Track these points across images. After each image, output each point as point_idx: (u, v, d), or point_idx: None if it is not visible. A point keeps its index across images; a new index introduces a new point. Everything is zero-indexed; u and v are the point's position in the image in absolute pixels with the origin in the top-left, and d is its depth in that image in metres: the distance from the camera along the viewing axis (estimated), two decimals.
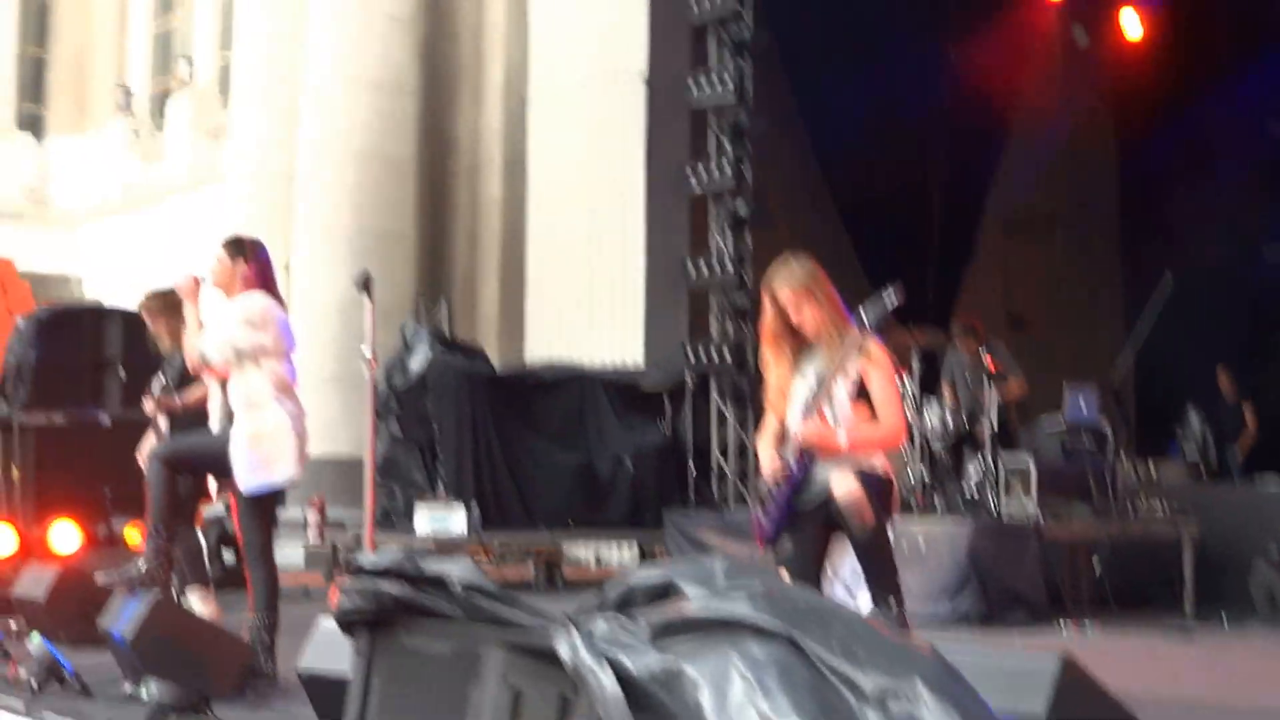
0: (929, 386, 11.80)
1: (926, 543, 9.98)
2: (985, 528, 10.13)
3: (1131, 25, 16.69)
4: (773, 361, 5.99)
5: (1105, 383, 14.20)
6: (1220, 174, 16.09)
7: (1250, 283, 15.85)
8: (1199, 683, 7.70)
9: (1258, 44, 15.29)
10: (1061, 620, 9.95)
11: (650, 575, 3.95)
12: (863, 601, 6.26)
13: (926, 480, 10.98)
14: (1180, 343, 15.22)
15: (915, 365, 11.27)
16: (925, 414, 11.22)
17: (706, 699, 3.52)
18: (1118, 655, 8.46)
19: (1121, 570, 10.99)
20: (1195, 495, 11.75)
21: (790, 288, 5.86)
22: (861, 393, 5.85)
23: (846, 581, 8.87)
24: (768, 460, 5.94)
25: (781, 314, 5.89)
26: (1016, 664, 4.92)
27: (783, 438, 5.97)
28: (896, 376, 6.11)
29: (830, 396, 5.79)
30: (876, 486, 5.78)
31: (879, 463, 5.87)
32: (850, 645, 3.58)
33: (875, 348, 5.84)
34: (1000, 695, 4.55)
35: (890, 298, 5.86)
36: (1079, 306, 17.70)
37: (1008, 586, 9.96)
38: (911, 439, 10.93)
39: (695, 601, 3.79)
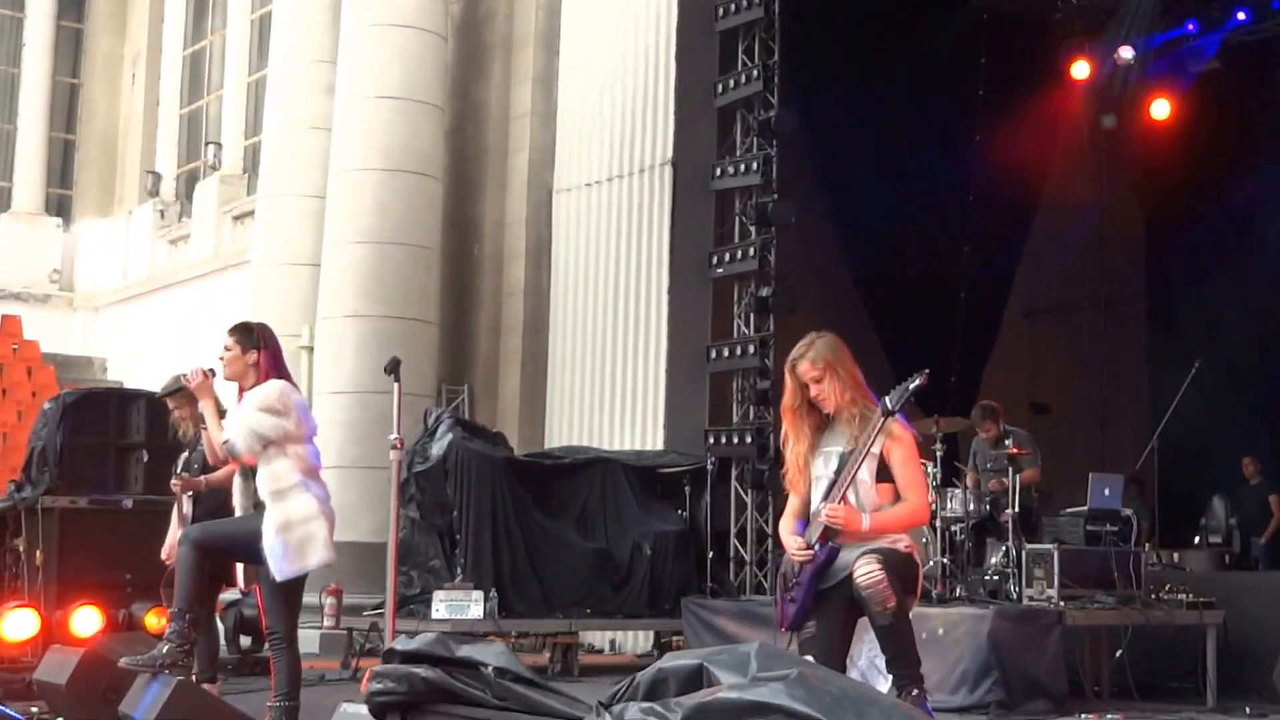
0: (950, 474, 11.81)
1: (946, 630, 9.95)
2: (1007, 615, 10.11)
3: (1160, 109, 16.83)
4: (792, 438, 6.02)
5: (1130, 471, 14.23)
6: (1248, 261, 16.16)
7: (1277, 372, 15.88)
8: None
9: None
10: (1083, 712, 9.90)
11: (682, 661, 3.94)
12: (881, 688, 6.24)
13: (947, 567, 10.97)
14: (1206, 432, 15.24)
15: (938, 451, 11.28)
16: (948, 499, 11.23)
17: None
18: None
19: (1144, 660, 10.94)
20: (1219, 584, 11.71)
21: (811, 361, 5.91)
22: (883, 474, 5.90)
23: (862, 669, 8.89)
24: (790, 542, 5.96)
25: (802, 389, 5.94)
26: None
27: (802, 516, 6.00)
28: (920, 460, 6.15)
29: (854, 477, 5.82)
30: (900, 568, 5.76)
31: (903, 543, 5.88)
32: None
33: (899, 427, 5.88)
34: None
35: (914, 382, 5.88)
36: (1104, 395, 17.73)
37: (1029, 675, 9.91)
38: (933, 525, 10.93)
39: (728, 688, 3.75)
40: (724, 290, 14.48)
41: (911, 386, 5.86)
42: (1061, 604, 10.35)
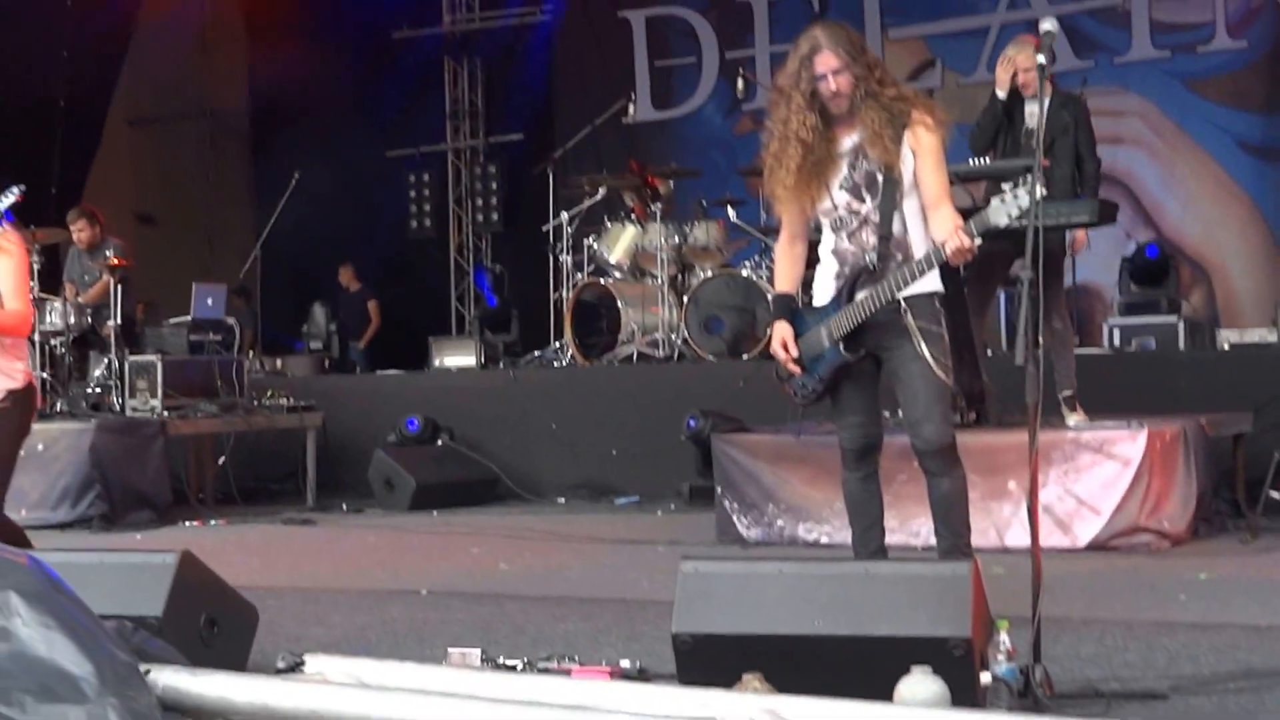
0: (50, 287, 11.28)
1: (47, 445, 9.56)
2: (109, 427, 9.86)
3: None
4: None
5: (235, 281, 14.28)
6: (344, 82, 16.57)
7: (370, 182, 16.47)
8: (321, 565, 7.92)
9: None
10: (186, 519, 9.91)
11: None
12: None
13: (49, 382, 10.52)
14: (307, 242, 15.58)
15: (36, 264, 10.72)
16: (48, 312, 10.74)
17: None
18: (243, 548, 8.55)
19: (247, 465, 11.11)
20: (319, 387, 12.06)
21: None
22: None
23: None
24: None
25: None
26: (136, 564, 4.83)
27: None
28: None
29: None
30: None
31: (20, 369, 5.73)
32: None
33: (6, 239, 5.68)
34: (118, 598, 4.45)
35: (9, 199, 5.68)
36: (210, 205, 17.62)
37: (132, 486, 9.74)
38: (32, 340, 10.43)
39: None
40: None
41: (5, 204, 5.57)
42: (165, 414, 10.24)
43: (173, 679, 3.83)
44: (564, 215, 12.23)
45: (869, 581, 4.12)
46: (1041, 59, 4.59)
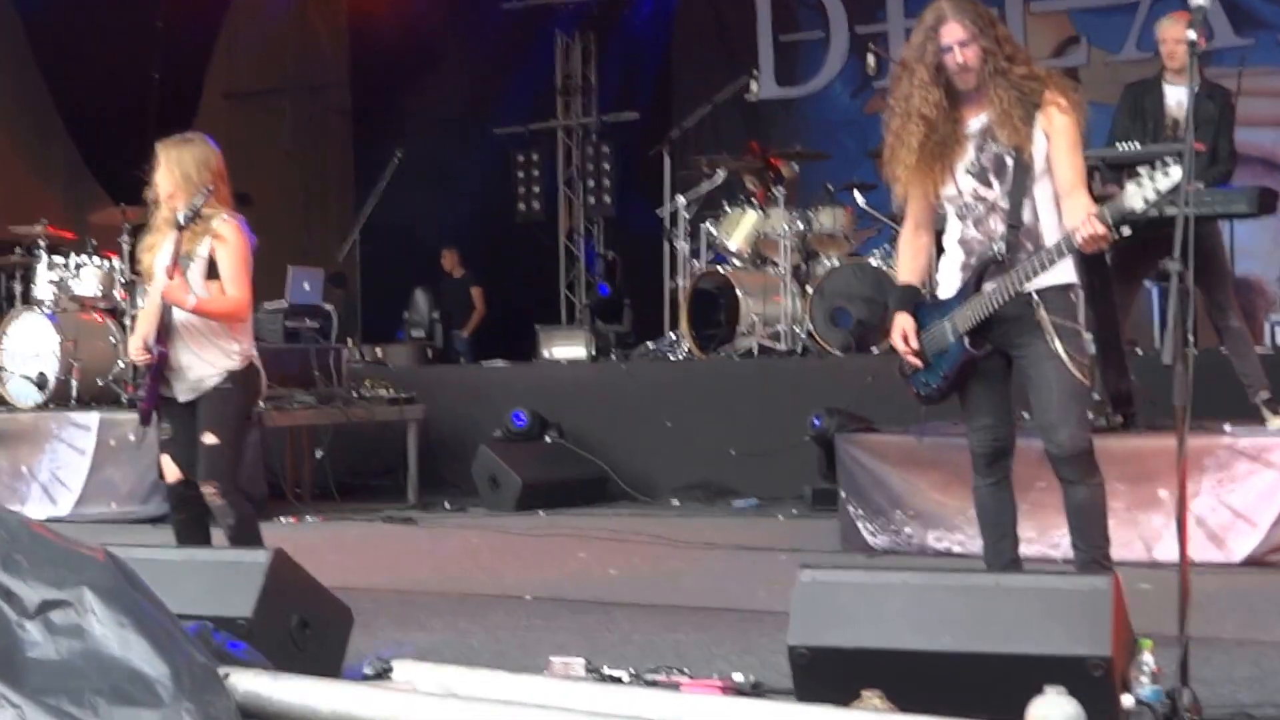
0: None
1: (138, 437, 9.72)
2: None
3: None
4: None
5: (332, 265, 14.44)
6: (450, 56, 16.68)
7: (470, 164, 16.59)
8: (421, 566, 8.00)
9: None
10: (282, 515, 10.05)
11: None
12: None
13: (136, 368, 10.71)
14: (409, 224, 15.72)
15: (126, 244, 10.96)
16: (137, 296, 10.93)
17: None
18: (339, 547, 8.66)
19: (346, 458, 11.24)
20: (421, 379, 12.17)
21: None
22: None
23: (44, 482, 8.60)
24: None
25: None
26: (227, 562, 4.92)
27: None
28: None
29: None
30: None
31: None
32: (10, 554, 3.41)
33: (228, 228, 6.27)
34: (208, 597, 4.52)
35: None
36: (307, 184, 17.82)
37: None
38: (123, 323, 10.65)
39: None
40: None
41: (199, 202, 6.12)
42: (260, 405, 10.35)
43: (253, 683, 3.89)
44: (681, 199, 12.23)
45: (1000, 594, 4.10)
46: (1191, 35, 4.48)
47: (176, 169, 6.25)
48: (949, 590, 4.18)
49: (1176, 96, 7.51)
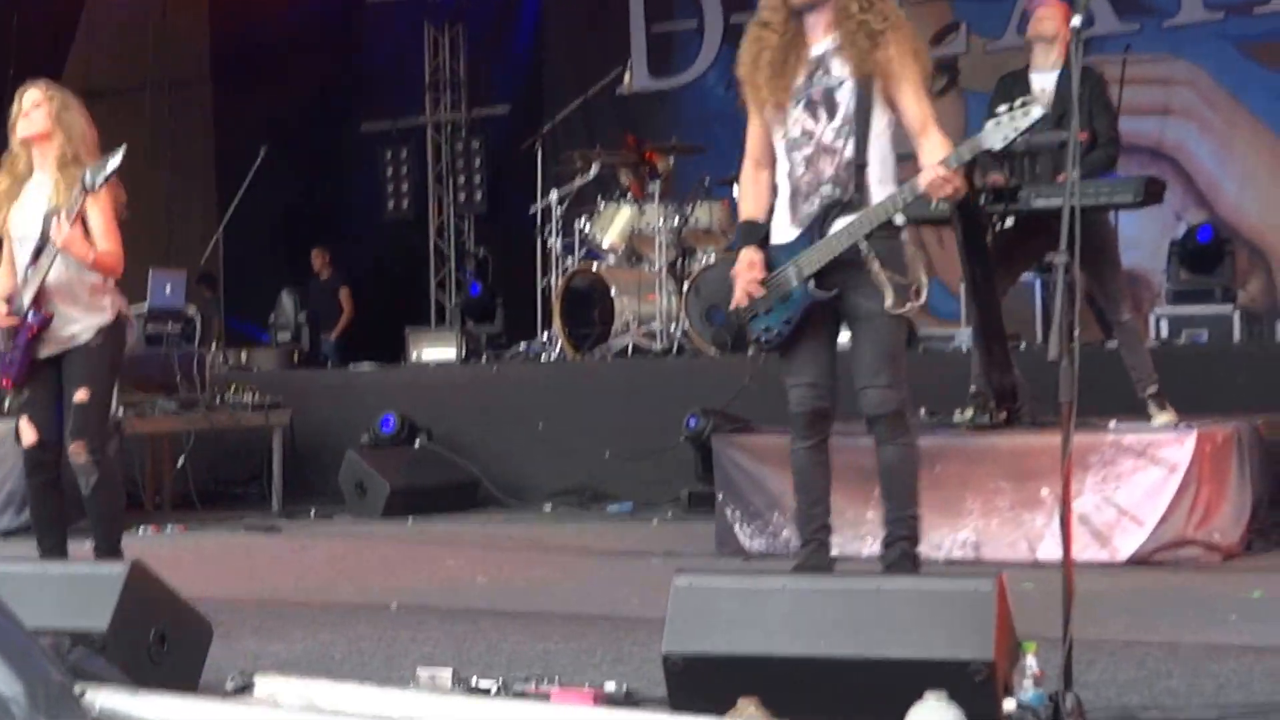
0: None
1: None
2: None
3: None
4: None
5: (196, 266, 14.21)
6: (315, 50, 16.51)
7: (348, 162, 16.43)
8: (283, 575, 7.87)
9: None
10: (142, 524, 9.85)
11: None
12: None
13: None
14: (270, 222, 15.53)
15: None
16: None
17: None
18: (200, 557, 8.51)
19: (209, 466, 11.08)
20: (288, 383, 12.00)
21: None
22: None
23: None
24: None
25: None
26: (82, 575, 4.84)
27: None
28: None
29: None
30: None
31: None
32: None
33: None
34: (62, 611, 4.44)
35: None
36: (169, 185, 17.56)
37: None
38: None
39: None
40: None
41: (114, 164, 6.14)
42: (119, 411, 10.18)
43: (111, 700, 3.84)
44: (553, 195, 12.18)
45: (881, 598, 4.05)
46: (1076, 21, 4.41)
47: (65, 112, 6.40)
48: (828, 594, 4.14)
49: (1041, 83, 7.50)
